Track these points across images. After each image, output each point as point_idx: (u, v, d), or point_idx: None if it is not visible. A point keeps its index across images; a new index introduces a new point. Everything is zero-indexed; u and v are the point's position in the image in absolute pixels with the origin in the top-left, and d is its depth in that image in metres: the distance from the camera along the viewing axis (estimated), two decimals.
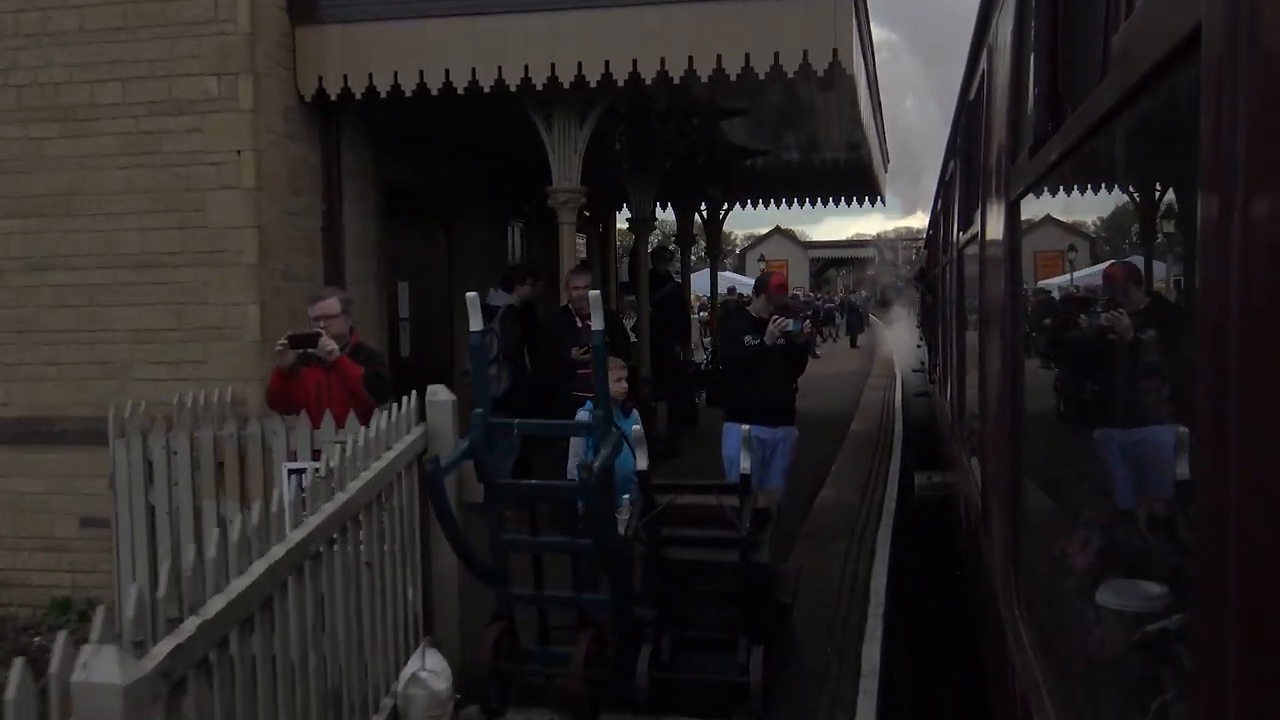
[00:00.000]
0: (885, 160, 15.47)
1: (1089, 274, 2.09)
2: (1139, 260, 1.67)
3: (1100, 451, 1.90)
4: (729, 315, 8.27)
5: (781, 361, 6.29)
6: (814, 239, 69.09)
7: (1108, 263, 1.89)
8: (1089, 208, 2.02)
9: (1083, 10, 1.82)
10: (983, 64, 3.67)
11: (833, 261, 63.22)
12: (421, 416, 4.62)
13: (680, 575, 4.50)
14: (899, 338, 32.13)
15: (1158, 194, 1.50)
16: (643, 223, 11.14)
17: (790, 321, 6.11)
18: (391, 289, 8.67)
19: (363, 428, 4.22)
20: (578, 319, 7.28)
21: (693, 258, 27.09)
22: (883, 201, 16.71)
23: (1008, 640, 2.59)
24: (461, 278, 9.53)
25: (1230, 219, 0.91)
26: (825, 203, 16.72)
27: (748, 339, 6.28)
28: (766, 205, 16.71)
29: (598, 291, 4.34)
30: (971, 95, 4.47)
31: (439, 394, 4.69)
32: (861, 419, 14.81)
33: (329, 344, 5.11)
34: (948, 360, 7.52)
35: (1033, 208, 2.38)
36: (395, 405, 4.47)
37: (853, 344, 34.69)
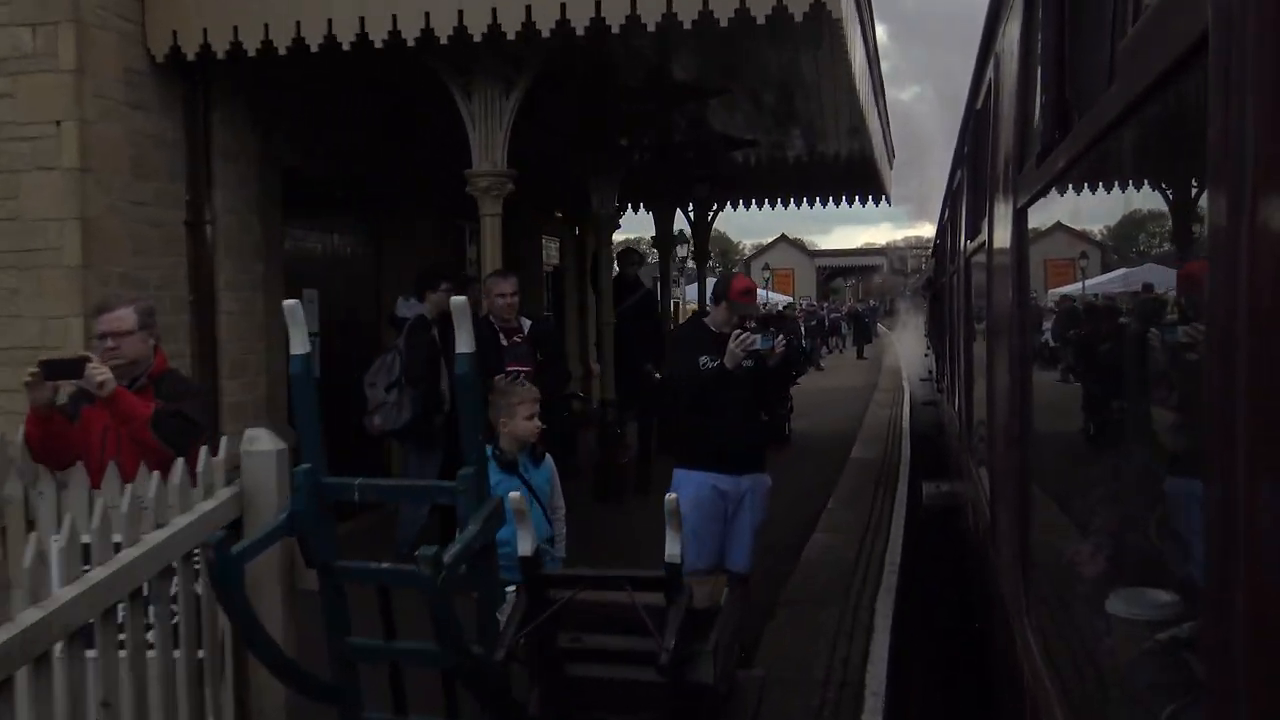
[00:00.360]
0: (890, 154, 14.26)
1: (1099, 282, 2.09)
2: (1148, 267, 1.67)
3: (1110, 459, 1.90)
4: (682, 329, 6.45)
5: (748, 389, 4.97)
6: (823, 248, 68.82)
7: (1130, 269, 1.89)
8: (1097, 215, 2.02)
9: (1090, 17, 1.83)
10: (989, 72, 3.67)
11: (840, 270, 62.84)
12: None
13: (588, 699, 3.47)
14: (909, 348, 30.76)
15: (1166, 201, 1.50)
16: (605, 220, 9.60)
17: (757, 338, 4.80)
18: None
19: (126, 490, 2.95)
20: (501, 334, 6.26)
21: (688, 264, 26.11)
22: (887, 200, 15.09)
23: (1017, 649, 2.58)
24: (394, 284, 8.05)
25: (1239, 224, 0.91)
26: (826, 202, 15.08)
27: (704, 360, 4.86)
28: (760, 206, 15.12)
29: (462, 298, 3.30)
30: (979, 104, 4.47)
31: (259, 440, 3.45)
32: (865, 443, 13.46)
33: (99, 373, 3.67)
34: (955, 369, 7.50)
35: (1040, 216, 2.38)
36: (204, 453, 3.30)
37: (859, 355, 33.62)
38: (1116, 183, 1.75)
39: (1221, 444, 0.97)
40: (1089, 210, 2.04)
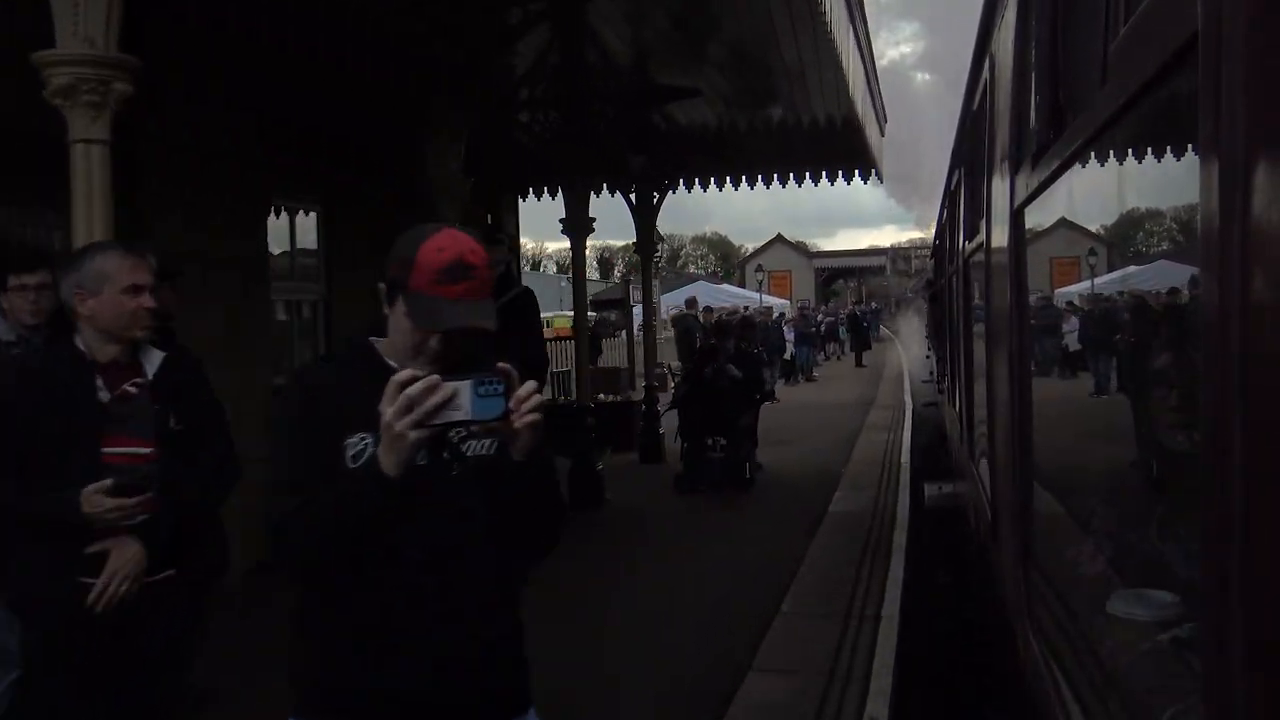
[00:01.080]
0: (881, 118, 11.85)
1: (1105, 281, 2.09)
2: (1143, 267, 1.67)
3: (1111, 458, 1.90)
4: (302, 381, 2.28)
5: (473, 523, 1.97)
6: (823, 249, 65.62)
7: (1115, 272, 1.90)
8: (1092, 215, 2.02)
9: (1082, 19, 1.83)
10: (985, 73, 3.68)
11: (841, 272, 60.11)
12: None
13: None
14: (914, 354, 27.88)
15: (1159, 202, 1.50)
16: (441, 187, 6.60)
17: (462, 386, 1.77)
18: None
19: None
20: (100, 377, 2.78)
21: (661, 269, 24.56)
22: (879, 176, 12.53)
23: (1018, 649, 2.58)
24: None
25: (1230, 225, 0.91)
26: (802, 179, 12.13)
27: (356, 445, 1.91)
28: (722, 185, 12.18)
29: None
30: (975, 104, 4.48)
31: None
32: (851, 487, 10.23)
33: None
34: (955, 370, 7.51)
35: (1036, 217, 2.38)
36: None
37: (858, 363, 30.74)
38: (1112, 182, 1.75)
39: (1218, 442, 0.97)
40: (1085, 210, 2.04)
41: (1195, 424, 1.07)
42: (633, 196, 11.31)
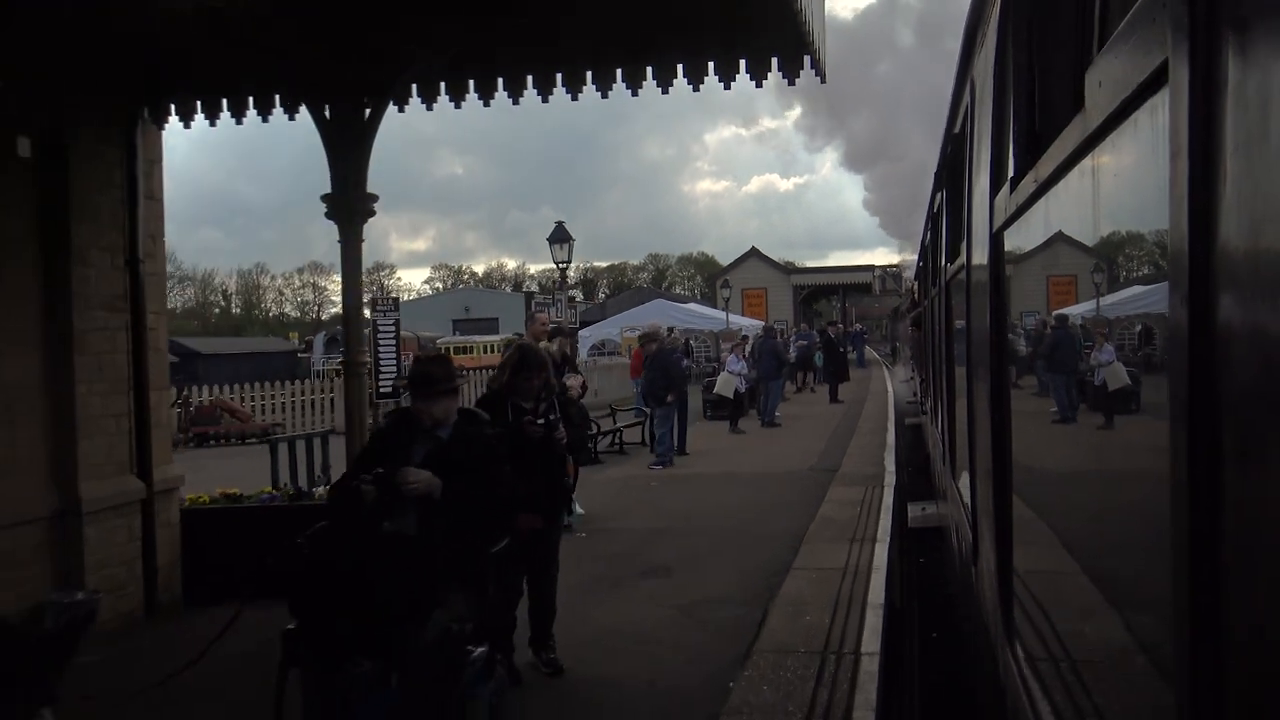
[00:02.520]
0: None
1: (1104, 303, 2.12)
2: (1112, 287, 1.69)
3: (1088, 476, 1.91)
4: None
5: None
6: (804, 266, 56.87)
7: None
8: (1068, 240, 2.05)
9: (1058, 47, 1.86)
10: (966, 97, 3.72)
11: (822, 290, 52.27)
12: None
13: None
14: (906, 386, 24.11)
15: (1133, 225, 1.52)
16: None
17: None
18: None
19: None
20: None
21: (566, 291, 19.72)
22: (816, 71, 6.55)
23: (999, 667, 2.59)
24: None
25: (1200, 248, 0.93)
26: (669, 75, 6.70)
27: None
28: (489, 94, 6.93)
29: None
30: (956, 128, 4.53)
31: None
32: (757, 684, 5.02)
33: None
34: (938, 390, 7.54)
35: (1015, 239, 2.41)
36: None
37: (833, 398, 23.51)
38: (1088, 207, 1.78)
39: (1190, 459, 0.98)
40: (1063, 234, 2.07)
41: (1167, 443, 1.08)
42: (327, 111, 6.73)
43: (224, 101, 7.39)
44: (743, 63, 6.67)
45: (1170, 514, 1.06)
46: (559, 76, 6.93)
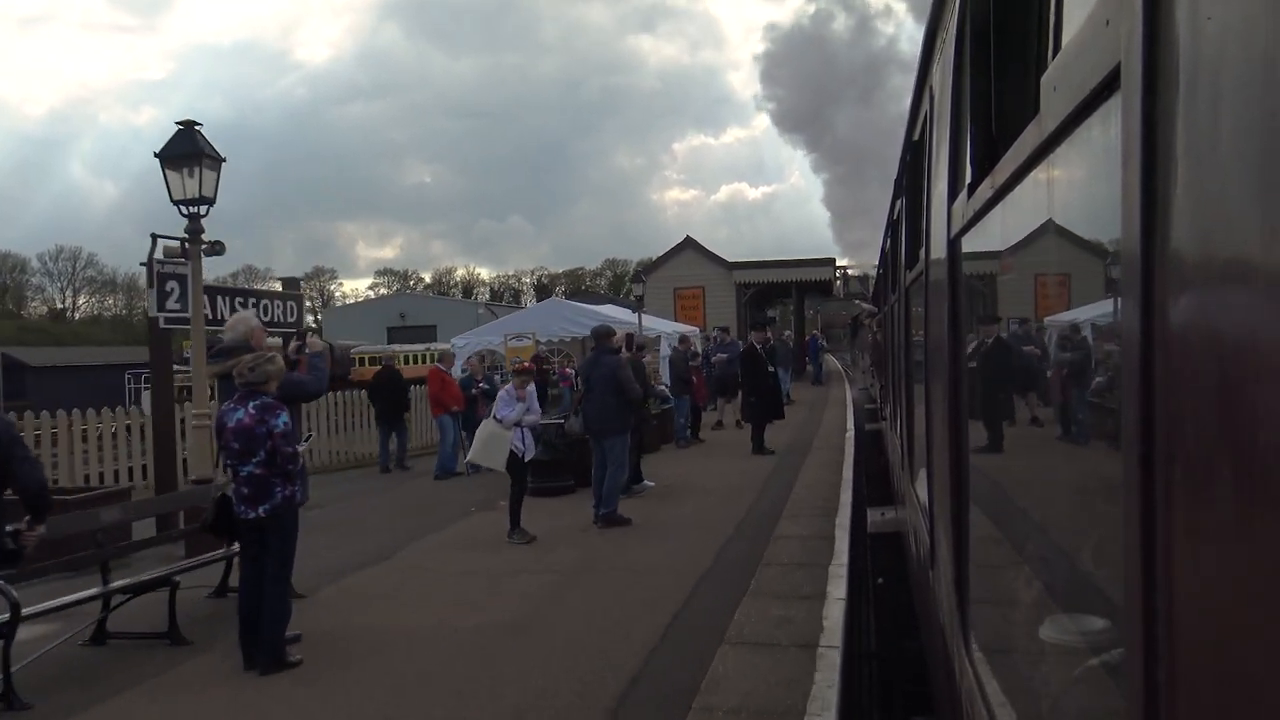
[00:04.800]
0: None
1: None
2: (1069, 292, 1.70)
3: (1043, 482, 1.93)
4: None
5: None
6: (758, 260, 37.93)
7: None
8: (1022, 245, 2.06)
9: (1016, 53, 1.88)
10: (925, 104, 3.75)
11: (776, 290, 38.42)
12: None
13: None
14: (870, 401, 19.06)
15: (1087, 230, 1.53)
16: None
17: None
18: None
19: None
20: None
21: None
22: None
23: (954, 671, 2.60)
24: None
25: (1153, 248, 0.94)
26: None
27: None
28: None
29: None
30: (916, 135, 4.56)
31: None
32: None
33: None
34: (897, 397, 7.60)
35: (972, 245, 2.43)
36: None
37: (757, 446, 14.62)
38: (1044, 212, 1.79)
39: (1142, 462, 0.99)
40: (1019, 239, 2.08)
41: (1124, 447, 1.09)
42: None
43: None
44: None
45: (1123, 517, 1.06)
46: None
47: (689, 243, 37.49)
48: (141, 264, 9.68)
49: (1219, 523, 0.84)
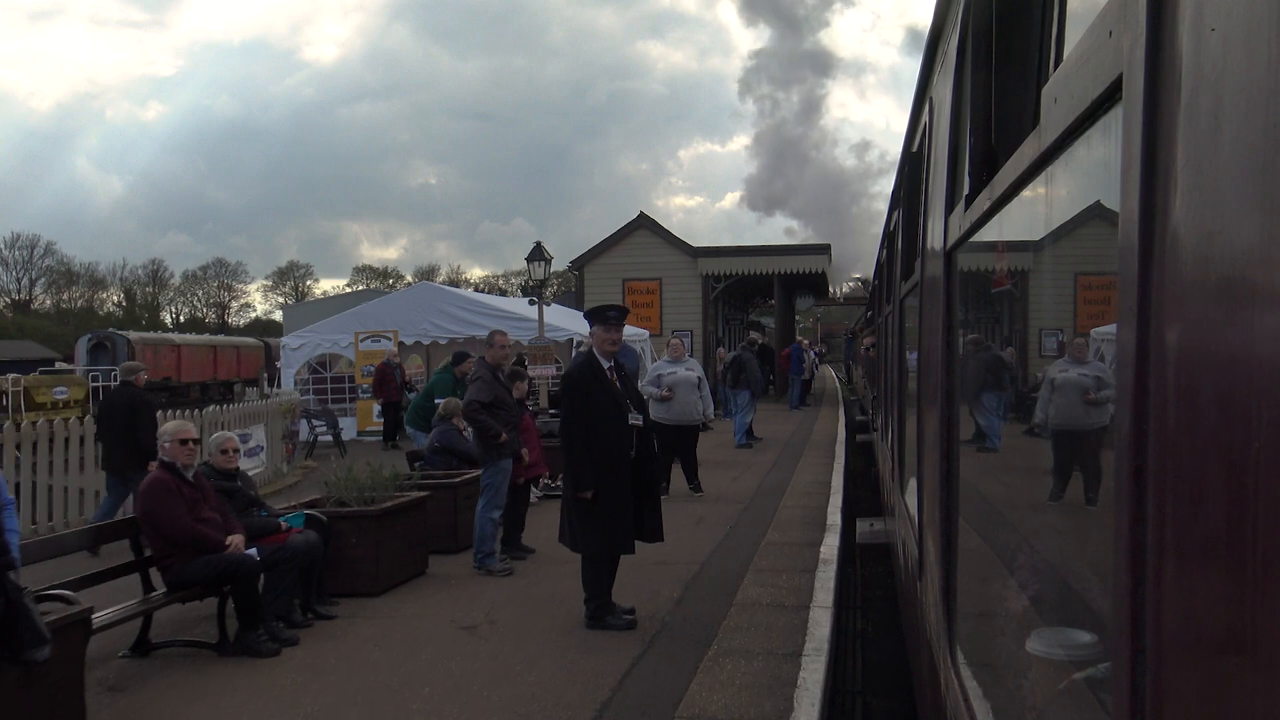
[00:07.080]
0: None
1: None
2: (1070, 306, 1.70)
3: (1033, 493, 1.92)
4: None
5: None
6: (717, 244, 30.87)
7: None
8: (1020, 258, 2.06)
9: (1015, 65, 1.88)
10: (924, 116, 3.76)
11: (752, 283, 28.67)
12: None
13: None
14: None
15: (1085, 243, 1.53)
16: None
17: None
18: None
19: None
20: None
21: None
22: None
23: (940, 682, 2.59)
24: None
25: (1152, 261, 0.93)
26: None
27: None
28: None
29: None
30: (914, 147, 4.57)
31: None
32: None
33: None
34: (889, 407, 7.60)
35: (968, 258, 2.42)
36: None
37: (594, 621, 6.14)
38: (1041, 224, 1.79)
39: (1130, 480, 0.98)
40: (1015, 252, 2.08)
41: (1115, 457, 1.08)
42: None
43: None
44: None
45: (1113, 529, 1.05)
46: None
47: (643, 221, 27.63)
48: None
49: (1208, 536, 0.84)
